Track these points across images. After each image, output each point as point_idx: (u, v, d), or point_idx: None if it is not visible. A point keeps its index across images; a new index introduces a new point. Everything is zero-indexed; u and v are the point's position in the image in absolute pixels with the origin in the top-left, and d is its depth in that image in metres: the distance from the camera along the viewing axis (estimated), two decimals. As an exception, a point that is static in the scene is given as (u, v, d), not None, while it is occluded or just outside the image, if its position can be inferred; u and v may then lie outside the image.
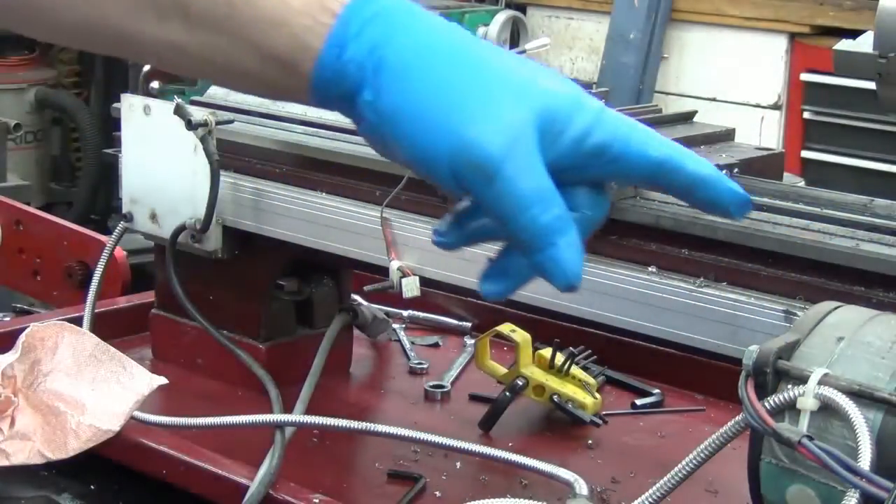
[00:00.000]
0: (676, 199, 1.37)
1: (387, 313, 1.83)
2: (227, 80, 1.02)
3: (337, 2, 0.93)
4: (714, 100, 4.98)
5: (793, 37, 4.79)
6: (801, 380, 0.98)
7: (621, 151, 0.95)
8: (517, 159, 0.92)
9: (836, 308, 1.06)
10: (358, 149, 1.59)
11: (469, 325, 1.88)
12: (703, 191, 0.99)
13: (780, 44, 4.83)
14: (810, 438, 0.93)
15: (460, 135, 0.91)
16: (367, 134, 0.98)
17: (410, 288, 1.47)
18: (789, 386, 0.98)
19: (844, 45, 1.29)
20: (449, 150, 0.92)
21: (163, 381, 1.47)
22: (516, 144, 0.92)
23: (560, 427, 1.57)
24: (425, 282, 1.53)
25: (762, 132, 4.82)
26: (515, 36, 4.68)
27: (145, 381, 1.46)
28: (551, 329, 1.57)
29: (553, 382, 1.56)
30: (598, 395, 1.59)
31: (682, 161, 0.98)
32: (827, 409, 0.96)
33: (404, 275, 1.47)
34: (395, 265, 1.47)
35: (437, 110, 0.92)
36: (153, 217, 1.68)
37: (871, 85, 1.27)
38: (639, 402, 1.65)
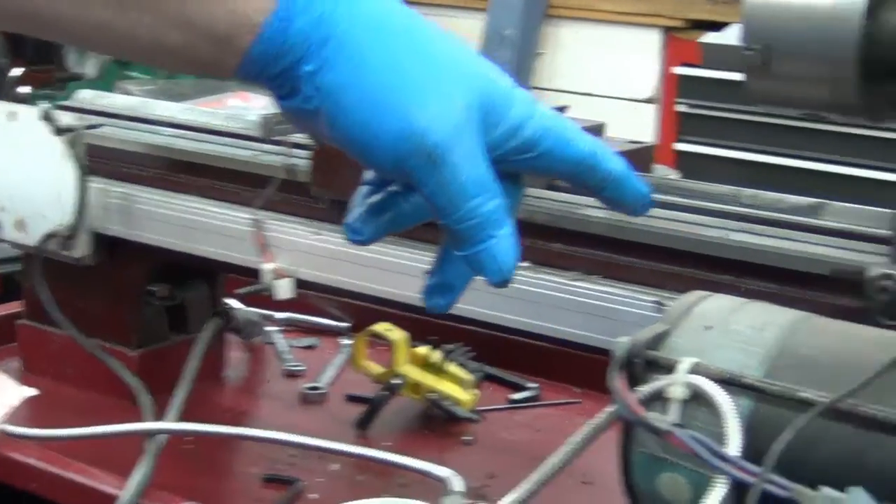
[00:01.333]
0: (548, 195, 1.39)
1: (262, 316, 1.81)
2: (150, 58, 0.94)
3: None
4: (590, 94, 5.02)
5: (667, 31, 4.85)
6: (671, 369, 0.98)
7: (550, 146, 0.94)
8: (463, 147, 0.89)
9: (705, 297, 1.07)
10: (228, 150, 1.57)
11: (345, 325, 1.87)
12: (612, 189, 0.98)
13: (654, 38, 4.89)
14: (680, 427, 0.94)
15: (409, 117, 0.88)
16: (298, 109, 0.92)
17: (284, 290, 1.46)
18: (659, 376, 0.99)
19: (712, 37, 1.31)
20: (396, 132, 0.88)
21: (32, 392, 1.44)
22: (463, 131, 0.89)
23: (437, 424, 1.56)
24: (300, 283, 1.52)
25: (637, 126, 4.87)
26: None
27: (14, 392, 1.43)
28: (428, 327, 1.57)
29: (430, 380, 1.56)
30: (474, 392, 1.59)
31: (602, 159, 0.97)
32: (697, 398, 0.97)
33: (278, 276, 1.46)
34: (268, 267, 1.46)
35: (385, 89, 0.88)
36: (20, 225, 1.65)
37: (741, 77, 1.28)
38: (515, 396, 1.65)
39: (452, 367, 1.58)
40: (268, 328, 1.84)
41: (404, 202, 0.99)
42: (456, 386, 1.57)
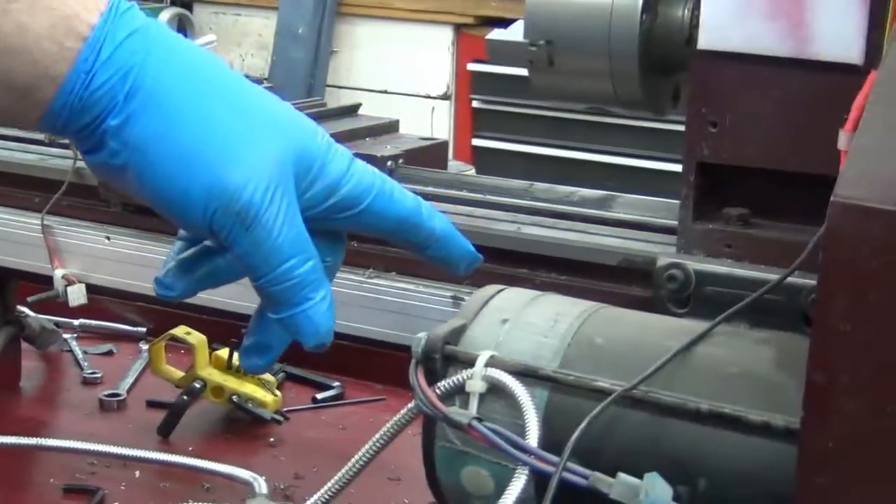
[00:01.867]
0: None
1: (56, 323, 1.77)
2: None
3: (85, 24, 0.84)
4: (386, 92, 5.04)
5: (458, 28, 4.90)
6: (469, 363, 1.00)
7: (371, 204, 0.93)
8: (278, 206, 0.86)
9: (500, 291, 1.09)
10: (14, 155, 1.53)
11: (143, 330, 1.84)
12: (436, 248, 0.99)
13: (446, 35, 4.94)
14: (479, 420, 0.95)
15: (221, 173, 0.85)
16: (105, 164, 0.88)
17: (76, 296, 1.43)
18: (458, 370, 1.00)
19: (497, 34, 1.33)
20: (206, 188, 0.85)
21: None
22: (277, 190, 0.86)
23: (241, 427, 1.55)
24: (93, 289, 1.49)
25: (434, 122, 4.92)
26: (182, 33, 4.60)
27: None
28: (227, 329, 1.55)
29: (232, 383, 1.55)
30: (278, 393, 1.58)
31: (424, 218, 0.97)
32: (495, 391, 0.98)
33: (69, 283, 1.43)
34: (59, 273, 1.43)
35: (196, 142, 0.85)
36: None
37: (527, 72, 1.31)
38: (319, 396, 1.65)
39: (254, 369, 1.57)
40: (65, 336, 1.80)
41: (219, 259, 0.96)
42: (258, 388, 1.56)
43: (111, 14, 0.85)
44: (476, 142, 4.81)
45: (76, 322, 1.83)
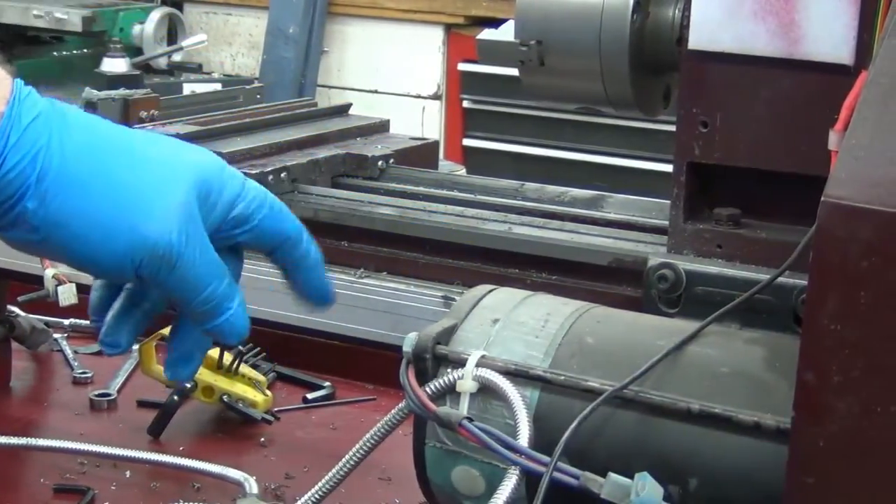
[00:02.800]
0: (332, 193, 1.39)
1: (46, 323, 1.76)
2: None
3: None
4: (376, 92, 5.04)
5: (448, 28, 4.89)
6: (460, 363, 1.00)
7: (262, 220, 1.01)
8: (192, 243, 0.95)
9: (491, 291, 1.09)
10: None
11: (134, 329, 1.84)
12: (306, 271, 1.06)
13: (436, 35, 4.93)
14: (470, 420, 0.95)
15: (140, 231, 0.92)
16: (22, 239, 0.94)
17: (67, 296, 1.43)
18: (449, 370, 1.00)
19: (487, 34, 1.33)
20: (128, 247, 0.92)
21: None
22: (188, 228, 0.94)
23: (232, 427, 1.55)
24: (84, 288, 1.49)
25: (424, 122, 4.91)
26: (173, 33, 4.60)
27: None
28: (218, 329, 1.55)
29: (222, 382, 1.54)
30: (268, 393, 1.58)
31: (306, 239, 1.05)
32: (486, 390, 0.98)
33: (60, 282, 1.43)
34: (49, 273, 1.43)
35: (109, 210, 0.92)
36: None
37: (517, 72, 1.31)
38: (310, 395, 1.65)
39: (245, 369, 1.57)
40: (55, 335, 1.79)
41: (145, 302, 1.03)
42: (249, 387, 1.56)
43: (14, 101, 0.90)
44: (466, 142, 4.81)
45: (66, 322, 1.83)
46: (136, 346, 1.77)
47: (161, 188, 0.94)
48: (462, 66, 4.80)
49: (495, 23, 3.90)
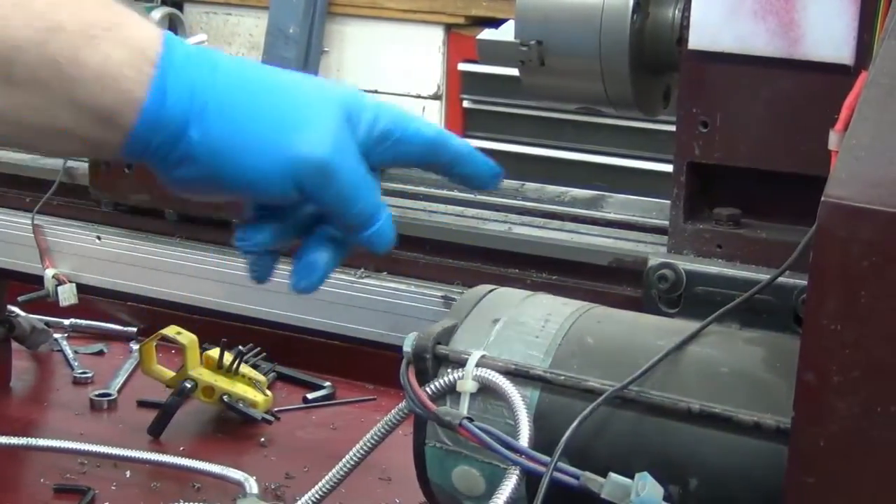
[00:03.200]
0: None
1: (47, 323, 1.77)
2: (39, 141, 0.99)
3: (153, 51, 0.94)
4: (376, 92, 5.03)
5: (449, 28, 4.89)
6: (460, 363, 1.00)
7: (402, 134, 1.04)
8: (344, 155, 0.99)
9: (491, 290, 1.09)
10: (5, 154, 1.52)
11: (134, 329, 1.84)
12: (463, 165, 1.08)
13: (436, 35, 4.92)
14: (470, 420, 0.95)
15: (295, 148, 0.97)
16: (190, 177, 0.98)
17: (67, 296, 1.43)
18: (449, 370, 1.00)
19: (487, 34, 1.32)
20: (289, 163, 0.97)
21: None
22: (340, 143, 0.99)
23: (232, 427, 1.55)
24: (84, 288, 1.49)
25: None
26: (173, 33, 4.58)
27: None
28: (218, 329, 1.55)
29: (222, 382, 1.55)
30: (268, 393, 1.58)
31: (448, 139, 1.07)
32: (486, 390, 0.98)
33: (60, 282, 1.43)
34: (49, 273, 1.43)
35: (266, 132, 0.97)
36: None
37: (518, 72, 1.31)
38: (310, 395, 1.65)
39: (245, 369, 1.57)
40: (55, 335, 1.80)
41: (297, 219, 1.06)
42: (250, 387, 1.56)
43: (168, 44, 0.95)
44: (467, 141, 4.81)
45: (67, 322, 1.83)
46: (136, 346, 1.77)
47: (312, 109, 0.99)
48: (462, 66, 4.79)
49: (495, 23, 3.89)
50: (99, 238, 1.47)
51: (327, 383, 1.68)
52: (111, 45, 0.92)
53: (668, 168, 1.20)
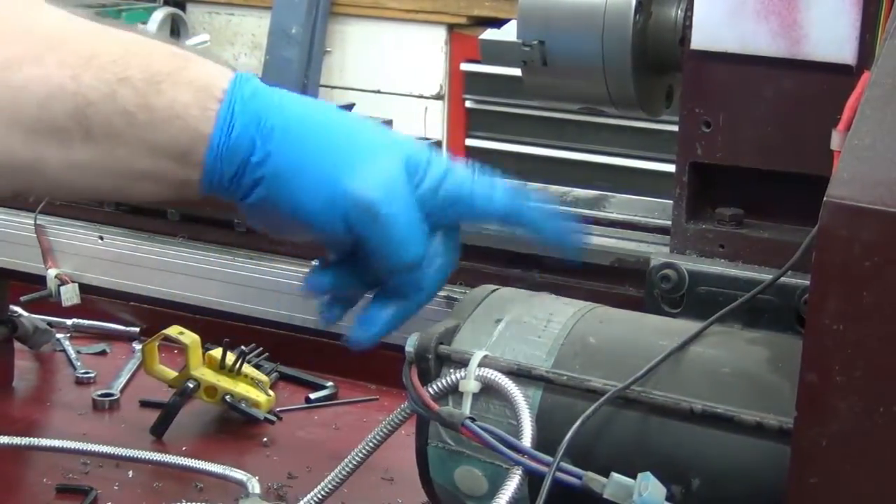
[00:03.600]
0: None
1: (49, 323, 1.77)
2: (123, 186, 1.04)
3: (218, 89, 1.00)
4: (379, 92, 5.03)
5: (451, 28, 4.89)
6: (462, 363, 1.00)
7: (470, 202, 1.06)
8: (395, 201, 1.02)
9: (493, 291, 1.09)
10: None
11: (136, 329, 1.84)
12: (542, 239, 1.11)
13: (439, 35, 4.92)
14: (473, 420, 0.95)
15: (348, 185, 1.02)
16: (257, 201, 1.03)
17: (70, 296, 1.43)
18: (451, 370, 1.00)
19: (490, 34, 1.32)
20: (340, 198, 1.01)
21: None
22: (392, 189, 1.03)
23: (235, 427, 1.55)
24: (86, 288, 1.49)
25: (427, 122, 4.91)
26: (176, 34, 4.60)
27: None
28: (220, 329, 1.55)
29: (225, 383, 1.55)
30: (271, 393, 1.58)
31: (523, 211, 1.09)
32: (489, 390, 0.98)
33: (62, 282, 1.43)
34: (52, 273, 1.43)
35: (324, 167, 1.02)
36: None
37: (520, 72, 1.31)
38: (312, 395, 1.65)
39: (247, 369, 1.57)
40: (58, 335, 1.80)
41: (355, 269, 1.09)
42: (252, 387, 1.56)
43: (236, 80, 1.02)
44: (469, 142, 4.80)
45: (69, 322, 1.83)
46: (138, 346, 1.77)
47: (373, 153, 1.04)
48: (465, 67, 4.79)
49: (498, 23, 3.89)
50: (101, 238, 1.47)
51: (329, 383, 1.68)
52: (176, 89, 0.99)
53: (671, 168, 1.20)
